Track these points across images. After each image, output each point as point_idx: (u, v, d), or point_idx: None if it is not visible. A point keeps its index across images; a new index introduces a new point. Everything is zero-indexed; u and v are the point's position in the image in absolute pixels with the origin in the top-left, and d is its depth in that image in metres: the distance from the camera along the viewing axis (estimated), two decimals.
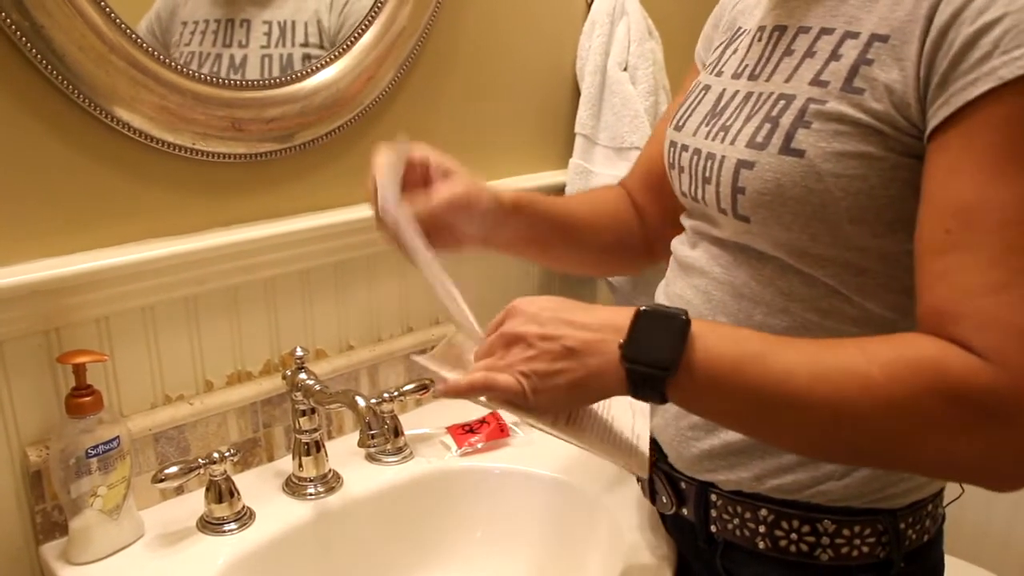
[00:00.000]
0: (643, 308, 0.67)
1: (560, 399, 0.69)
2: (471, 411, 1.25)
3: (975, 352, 0.60)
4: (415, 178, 0.86)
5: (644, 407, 0.80)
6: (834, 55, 0.70)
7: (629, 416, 0.79)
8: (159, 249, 1.01)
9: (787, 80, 0.74)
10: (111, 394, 1.02)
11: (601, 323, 0.68)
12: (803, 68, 0.73)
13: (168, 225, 1.05)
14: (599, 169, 1.44)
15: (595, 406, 0.76)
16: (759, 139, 0.73)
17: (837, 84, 0.69)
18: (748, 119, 0.75)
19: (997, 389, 0.59)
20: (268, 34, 1.10)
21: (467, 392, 0.70)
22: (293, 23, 1.11)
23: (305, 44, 1.12)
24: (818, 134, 0.69)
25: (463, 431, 1.22)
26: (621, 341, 0.66)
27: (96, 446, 0.94)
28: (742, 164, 0.73)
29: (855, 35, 0.70)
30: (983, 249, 0.61)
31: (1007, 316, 0.59)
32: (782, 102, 0.72)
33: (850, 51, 0.69)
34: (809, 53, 0.73)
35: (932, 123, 0.64)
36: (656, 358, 0.65)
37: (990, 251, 0.61)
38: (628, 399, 0.70)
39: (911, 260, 0.68)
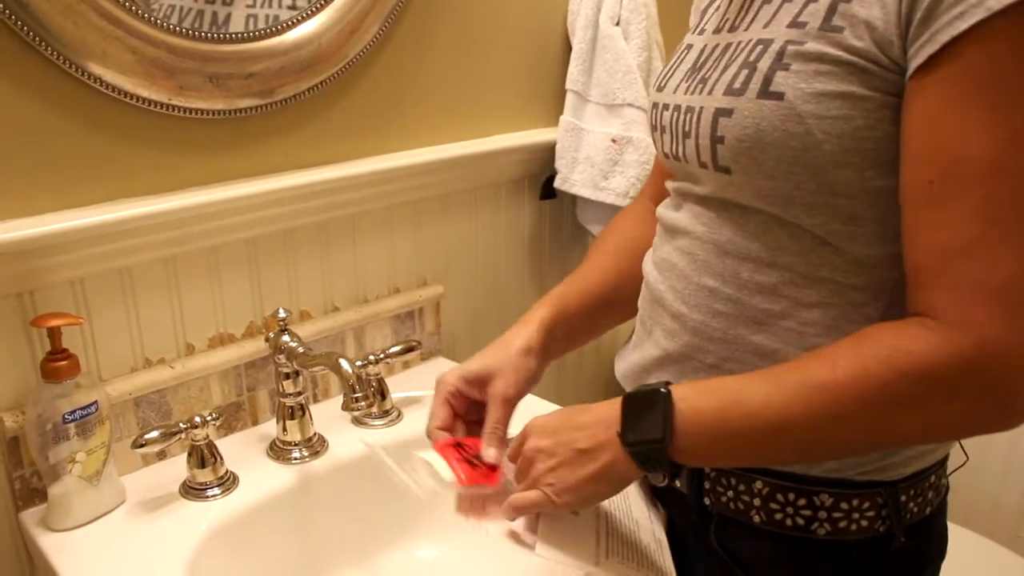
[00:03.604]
0: (628, 393, 0.72)
1: (584, 495, 0.75)
2: None
3: (944, 318, 0.62)
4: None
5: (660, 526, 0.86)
6: None
7: (650, 531, 0.85)
8: (135, 209, 0.97)
9: (765, 26, 0.71)
10: (89, 358, 0.99)
11: (600, 419, 0.74)
12: (782, 12, 0.70)
13: (145, 184, 1.02)
14: (590, 126, 1.40)
15: (626, 534, 0.82)
16: (736, 85, 0.70)
17: (815, 23, 0.66)
18: (726, 68, 0.73)
19: (959, 355, 0.60)
20: None
21: (511, 517, 0.79)
22: None
23: (293, 7, 1.08)
24: (797, 75, 0.66)
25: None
26: (619, 431, 0.71)
27: (73, 411, 0.91)
28: (720, 112, 0.71)
29: None
30: (965, 202, 0.60)
31: (980, 274, 0.60)
32: (760, 47, 0.70)
33: None
34: None
35: (915, 63, 0.61)
36: (651, 436, 0.69)
37: (971, 204, 0.60)
38: (648, 516, 0.83)
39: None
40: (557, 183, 1.43)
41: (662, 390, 0.70)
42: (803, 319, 0.72)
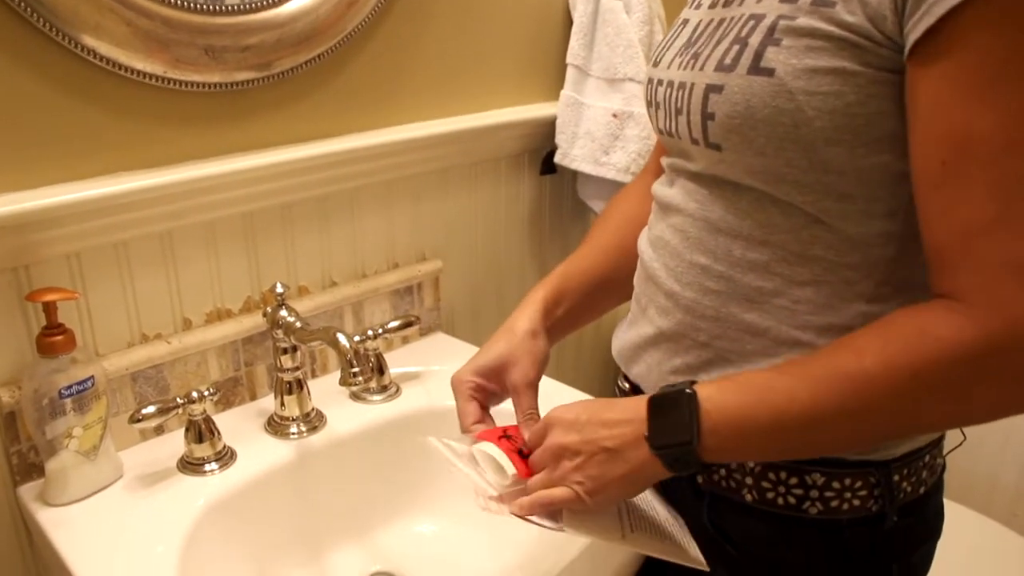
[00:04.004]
0: (653, 395, 0.71)
1: (614, 494, 0.73)
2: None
3: (970, 299, 0.60)
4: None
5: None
6: None
7: (663, 506, 0.84)
8: (131, 182, 0.97)
9: (759, 0, 0.70)
10: (85, 333, 0.99)
11: (626, 418, 0.72)
12: None
13: (140, 157, 1.01)
14: (591, 101, 1.39)
15: (646, 511, 0.81)
16: (727, 61, 0.69)
17: None
18: (718, 43, 0.72)
19: (987, 336, 0.59)
20: None
21: (531, 512, 0.75)
22: None
23: None
24: (788, 51, 0.65)
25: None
26: (646, 434, 0.70)
27: (70, 386, 0.91)
28: (711, 89, 0.70)
29: None
30: (980, 181, 0.59)
31: (1003, 253, 0.59)
32: (752, 22, 0.69)
33: None
34: None
35: (912, 38, 0.60)
36: (679, 438, 0.68)
37: (987, 182, 0.59)
38: (655, 493, 0.82)
39: (895, 182, 0.66)
40: (557, 158, 1.42)
41: (687, 391, 0.69)
42: (795, 297, 0.72)
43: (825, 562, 0.78)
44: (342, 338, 0.95)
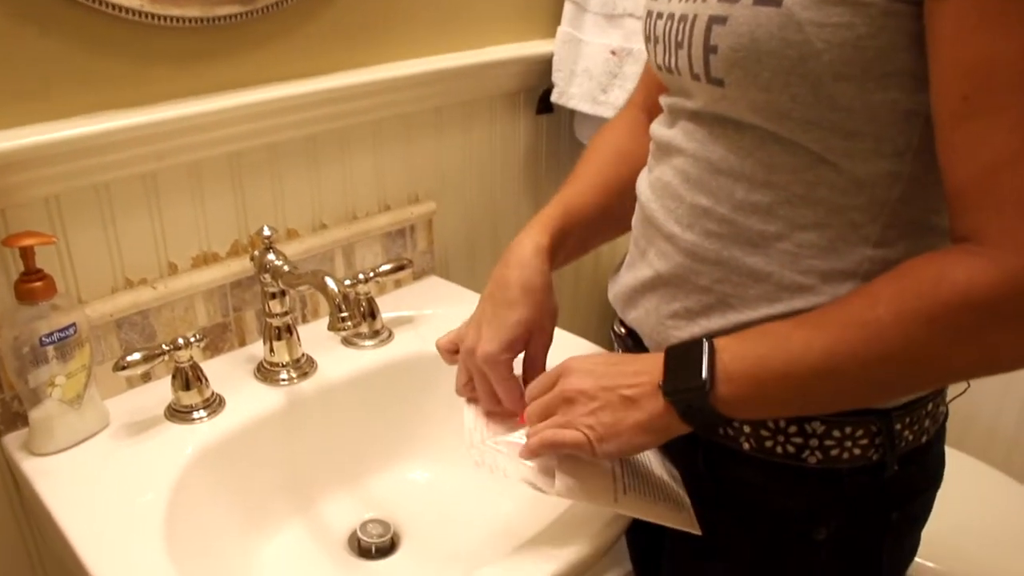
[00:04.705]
0: (669, 346, 0.71)
1: (626, 444, 0.72)
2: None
3: (989, 239, 0.57)
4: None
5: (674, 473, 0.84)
6: None
7: (660, 462, 0.84)
8: (112, 122, 0.93)
9: None
10: (67, 279, 0.96)
11: (645, 368, 0.71)
12: None
13: (120, 96, 0.97)
14: (589, 37, 1.35)
15: (642, 471, 0.80)
16: None
17: None
18: None
19: (1007, 278, 0.56)
20: None
21: (537, 452, 0.74)
22: None
23: None
24: None
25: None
26: (660, 382, 0.69)
27: (51, 333, 0.89)
28: (714, 20, 0.66)
29: None
30: (1005, 113, 0.56)
31: None
32: None
33: None
34: None
35: None
36: (691, 383, 0.67)
37: (1012, 114, 0.55)
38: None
39: (903, 120, 0.63)
40: (554, 97, 1.38)
41: (704, 340, 0.68)
42: (799, 240, 0.69)
43: (823, 511, 0.77)
44: (330, 282, 0.93)
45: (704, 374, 0.66)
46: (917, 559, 1.33)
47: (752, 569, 0.81)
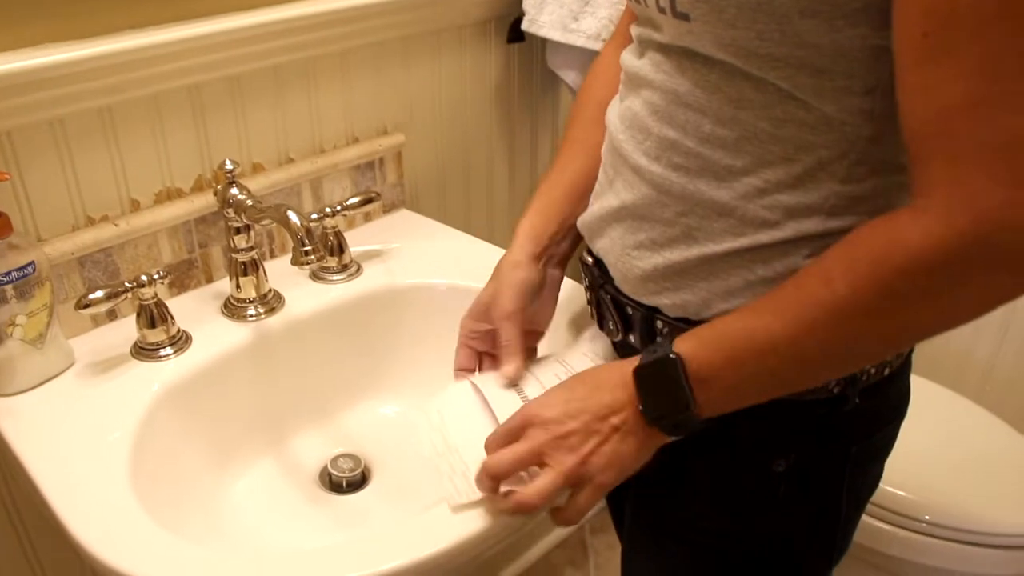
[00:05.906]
0: (637, 368, 0.70)
1: (629, 470, 0.72)
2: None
3: (938, 195, 0.56)
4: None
5: None
6: None
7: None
8: (64, 53, 0.90)
9: None
10: (24, 217, 0.94)
11: (617, 398, 0.71)
12: None
13: (72, 27, 0.94)
14: None
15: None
16: None
17: None
18: None
19: (957, 234, 0.55)
20: None
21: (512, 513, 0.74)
22: None
23: None
24: None
25: None
26: (640, 408, 0.70)
27: (8, 272, 0.87)
28: None
29: None
30: (965, 53, 0.53)
31: (983, 132, 0.54)
32: None
33: None
34: None
35: None
36: (673, 407, 0.69)
37: (973, 56, 0.53)
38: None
39: (872, 57, 0.61)
40: (524, 25, 1.35)
41: (671, 356, 0.68)
42: (765, 176, 0.68)
43: (782, 442, 0.77)
44: (293, 216, 0.91)
45: (685, 399, 0.67)
46: (887, 488, 1.36)
47: (712, 497, 0.82)
